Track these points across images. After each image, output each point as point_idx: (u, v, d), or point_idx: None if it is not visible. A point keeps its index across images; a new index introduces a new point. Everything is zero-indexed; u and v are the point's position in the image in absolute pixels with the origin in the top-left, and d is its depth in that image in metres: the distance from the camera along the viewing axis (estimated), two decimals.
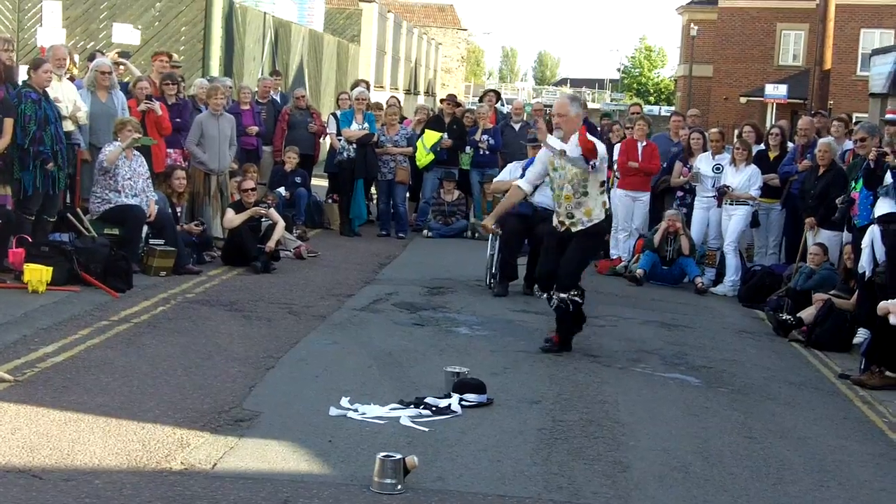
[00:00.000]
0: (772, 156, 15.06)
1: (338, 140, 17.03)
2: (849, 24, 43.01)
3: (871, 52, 28.76)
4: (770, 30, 51.37)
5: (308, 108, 18.14)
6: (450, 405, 7.80)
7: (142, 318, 10.11)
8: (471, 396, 7.98)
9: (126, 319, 9.99)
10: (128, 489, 5.88)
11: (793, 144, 15.31)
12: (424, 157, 17.50)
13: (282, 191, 16.29)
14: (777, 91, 39.25)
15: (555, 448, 7.22)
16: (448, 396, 7.96)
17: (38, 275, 10.56)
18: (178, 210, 13.51)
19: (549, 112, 20.02)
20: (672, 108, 61.98)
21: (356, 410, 7.57)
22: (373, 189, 18.39)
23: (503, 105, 25.26)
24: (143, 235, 12.38)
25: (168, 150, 14.03)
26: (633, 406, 8.46)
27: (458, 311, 11.61)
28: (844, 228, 12.55)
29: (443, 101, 20.17)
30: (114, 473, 6.11)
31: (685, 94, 54.00)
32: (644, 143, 15.54)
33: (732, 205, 14.38)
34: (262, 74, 20.62)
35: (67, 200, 12.62)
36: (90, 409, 7.20)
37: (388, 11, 40.76)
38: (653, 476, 6.84)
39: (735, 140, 15.36)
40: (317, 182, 18.77)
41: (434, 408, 7.75)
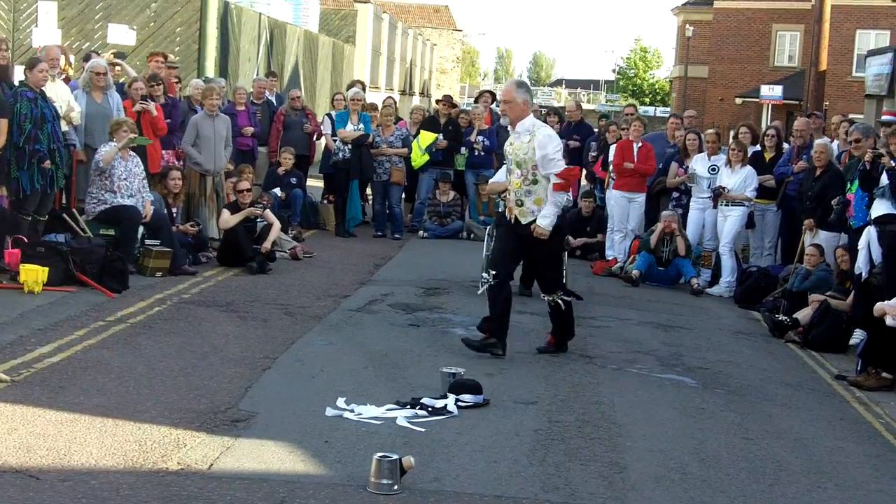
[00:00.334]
0: (767, 157, 15.07)
1: (333, 141, 17.04)
2: (844, 25, 43.01)
3: (867, 53, 28.72)
4: (765, 31, 51.33)
5: (303, 109, 18.12)
6: (446, 406, 7.80)
7: (138, 319, 10.10)
8: (467, 397, 7.98)
9: (122, 320, 9.98)
10: (124, 489, 5.88)
11: (788, 145, 15.34)
12: (420, 158, 17.50)
13: (277, 191, 16.29)
14: (772, 92, 39.21)
15: (551, 449, 7.23)
16: (444, 397, 7.95)
17: (34, 275, 10.55)
18: (174, 211, 13.50)
19: (546, 111, 20.23)
20: (668, 110, 62.01)
21: (352, 411, 7.57)
22: (368, 190, 18.40)
23: (498, 106, 25.23)
24: (139, 236, 12.38)
25: (161, 151, 14.02)
26: (630, 407, 8.46)
27: (454, 312, 11.61)
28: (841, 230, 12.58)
29: (438, 102, 20.16)
30: (110, 474, 6.11)
31: (680, 96, 53.98)
32: (640, 144, 15.55)
33: (728, 206, 14.40)
34: (258, 75, 20.58)
35: (63, 201, 12.61)
36: (87, 410, 7.20)
37: (384, 12, 40.72)
38: (649, 477, 6.84)
39: (731, 141, 15.36)
40: (312, 183, 18.77)
41: (430, 408, 7.75)
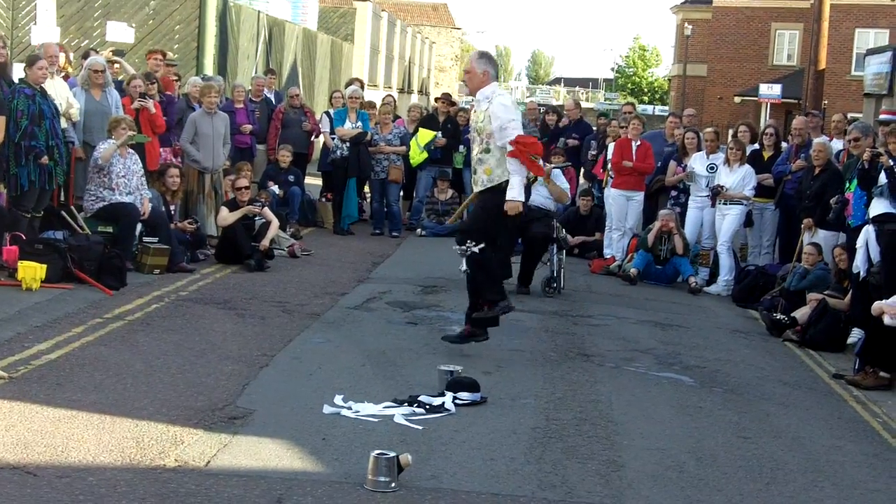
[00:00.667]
0: (766, 155, 15.08)
1: (331, 139, 17.04)
2: (843, 24, 43.03)
3: (866, 52, 28.74)
4: (764, 29, 51.35)
5: (302, 107, 18.11)
6: (443, 403, 7.80)
7: (136, 316, 10.10)
8: (464, 395, 7.98)
9: (120, 317, 9.98)
10: (122, 486, 5.88)
11: (786, 144, 15.34)
12: (418, 156, 17.49)
13: (275, 189, 16.28)
14: (771, 91, 39.26)
15: (548, 447, 7.23)
16: (442, 395, 7.96)
17: (32, 272, 10.55)
18: (172, 208, 13.50)
19: (544, 109, 20.23)
20: (666, 108, 61.96)
21: (350, 408, 7.58)
22: (366, 188, 18.39)
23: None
24: (137, 233, 12.38)
25: (159, 149, 14.02)
26: (627, 405, 8.46)
27: (452, 310, 11.60)
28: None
29: (437, 100, 20.15)
30: (108, 470, 6.11)
31: (679, 94, 53.97)
32: (638, 143, 15.55)
33: (726, 204, 14.39)
34: (256, 73, 20.59)
35: (62, 198, 12.61)
36: (84, 407, 7.20)
37: (382, 10, 40.71)
38: (646, 475, 6.84)
39: (729, 140, 15.37)
40: (310, 181, 18.77)
41: (428, 406, 7.75)
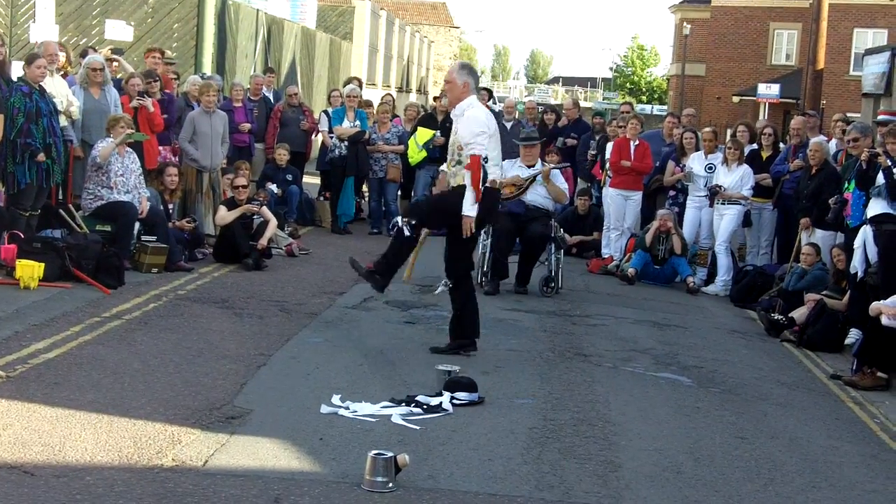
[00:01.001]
0: (764, 155, 15.08)
1: (329, 137, 17.04)
2: (842, 24, 43.05)
3: (864, 52, 28.70)
4: (763, 29, 51.36)
5: (300, 106, 18.11)
6: (441, 403, 7.80)
7: (133, 315, 10.09)
8: (462, 395, 7.98)
9: (118, 316, 9.97)
10: (119, 486, 5.87)
11: (784, 145, 15.34)
12: (417, 155, 17.47)
13: (273, 188, 16.26)
14: (770, 90, 39.23)
15: (546, 447, 7.23)
16: (439, 395, 7.95)
17: (30, 271, 10.53)
18: (170, 207, 13.49)
19: (543, 109, 20.22)
20: (664, 108, 61.95)
21: (347, 408, 7.57)
22: (364, 187, 18.38)
23: (495, 103, 25.21)
24: (135, 232, 12.37)
25: (158, 147, 14.01)
26: (625, 405, 8.47)
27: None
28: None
29: (436, 99, 20.14)
30: (105, 470, 6.10)
31: (678, 94, 53.93)
32: (636, 143, 15.54)
33: (724, 204, 14.40)
34: (255, 71, 20.58)
35: (60, 196, 12.60)
36: (82, 406, 7.19)
37: (381, 9, 40.73)
38: (644, 476, 6.84)
39: (727, 140, 15.37)
40: (309, 179, 18.76)
41: (425, 406, 7.75)
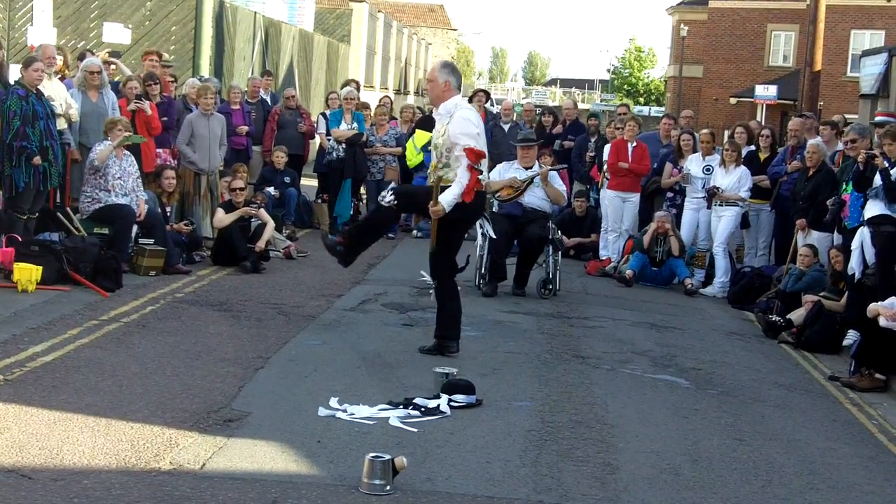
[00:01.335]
0: (762, 157, 15.09)
1: (327, 140, 17.04)
2: (839, 25, 43.12)
3: (862, 54, 28.73)
4: (760, 30, 51.40)
5: (298, 108, 18.12)
6: (439, 406, 7.80)
7: (131, 318, 10.09)
8: (460, 397, 7.97)
9: (115, 319, 9.97)
10: (116, 489, 5.87)
11: (782, 146, 15.36)
12: (415, 158, 17.47)
13: (271, 190, 16.27)
14: (767, 92, 39.26)
15: (544, 449, 7.22)
16: (437, 397, 7.95)
17: (28, 274, 10.53)
18: (168, 210, 13.50)
19: (541, 110, 20.21)
20: (662, 109, 61.95)
21: (345, 411, 7.56)
22: (362, 189, 18.38)
23: (493, 105, 25.24)
24: (133, 235, 12.36)
25: (157, 150, 14.01)
26: (623, 408, 8.46)
27: None
28: (835, 230, 12.57)
29: None
30: (103, 473, 6.10)
31: (675, 95, 54.00)
32: (634, 144, 15.53)
33: (722, 206, 14.40)
34: (253, 74, 20.60)
35: (57, 200, 12.60)
36: (79, 409, 7.19)
37: (379, 11, 40.78)
38: (642, 478, 6.84)
39: (725, 141, 15.38)
40: (306, 182, 18.75)
41: (423, 408, 7.74)
